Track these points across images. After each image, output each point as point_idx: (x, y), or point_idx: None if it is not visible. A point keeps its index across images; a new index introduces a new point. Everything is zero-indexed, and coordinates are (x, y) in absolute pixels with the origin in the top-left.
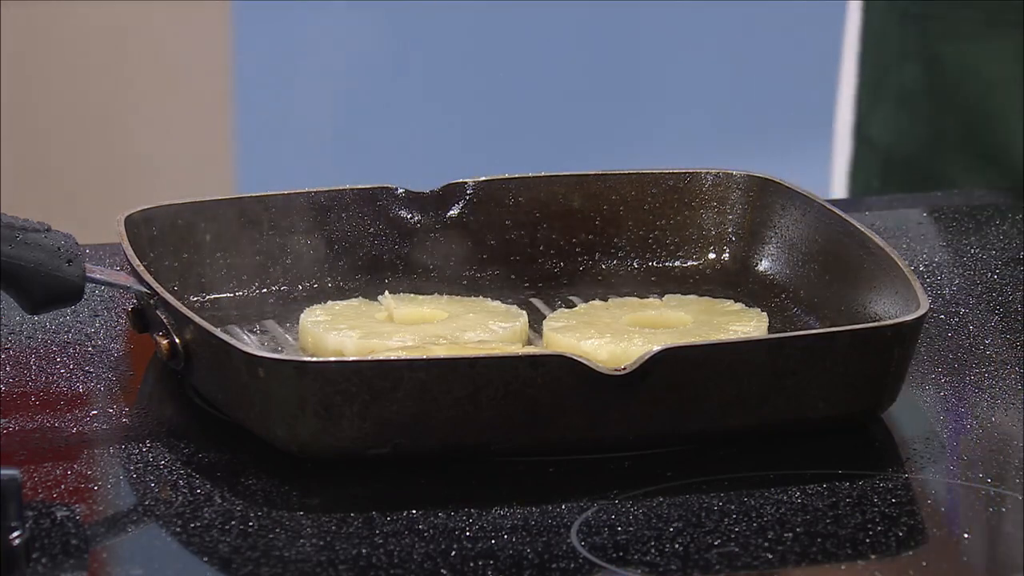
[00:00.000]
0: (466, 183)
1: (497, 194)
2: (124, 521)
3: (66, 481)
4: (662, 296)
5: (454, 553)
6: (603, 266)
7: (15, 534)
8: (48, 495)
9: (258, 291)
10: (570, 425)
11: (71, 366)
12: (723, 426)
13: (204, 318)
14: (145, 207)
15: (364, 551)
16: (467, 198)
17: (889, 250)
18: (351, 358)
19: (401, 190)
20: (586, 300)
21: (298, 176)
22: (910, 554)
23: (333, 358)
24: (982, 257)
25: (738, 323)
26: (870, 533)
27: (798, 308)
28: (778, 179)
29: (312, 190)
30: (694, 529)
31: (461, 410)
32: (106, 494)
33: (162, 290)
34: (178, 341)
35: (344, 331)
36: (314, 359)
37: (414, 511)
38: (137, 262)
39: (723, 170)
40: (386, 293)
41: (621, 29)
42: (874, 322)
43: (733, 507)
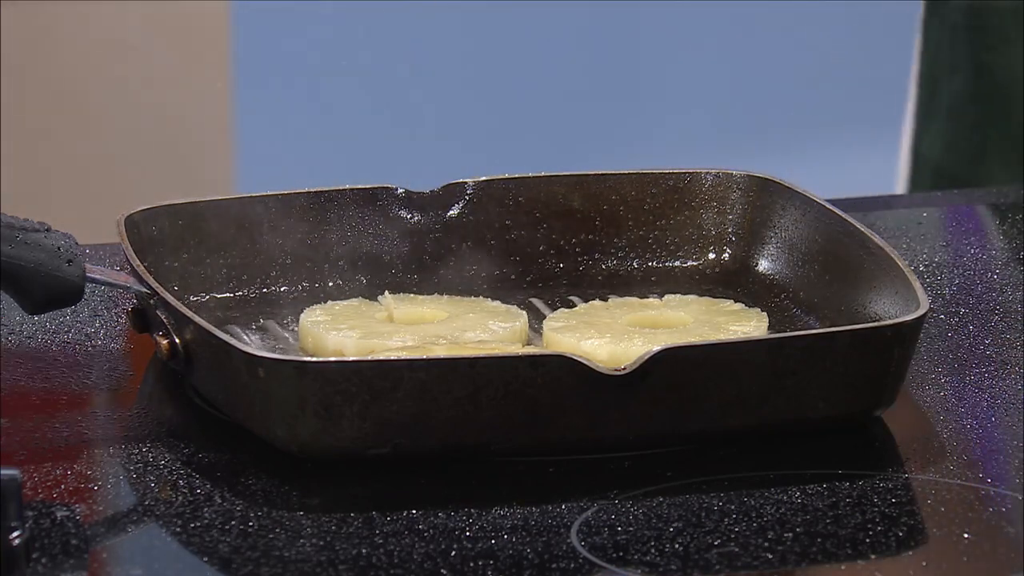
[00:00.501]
0: (466, 183)
1: (497, 194)
2: (124, 521)
3: (66, 481)
4: (662, 296)
5: (454, 553)
6: (603, 266)
7: (15, 534)
8: (48, 495)
9: (258, 291)
10: (570, 425)
11: (71, 366)
12: (723, 426)
13: (204, 318)
14: (145, 207)
15: (364, 551)
16: (467, 198)
17: (889, 250)
18: (351, 358)
19: (401, 190)
20: (586, 300)
21: (298, 176)
22: (910, 554)
23: (333, 358)
24: (982, 257)
25: (738, 323)
26: (870, 533)
27: (798, 308)
28: (778, 179)
29: (312, 190)
30: (694, 529)
31: (461, 410)
32: (106, 494)
33: (162, 290)
34: (178, 341)
35: (344, 331)
36: (314, 359)
37: (414, 511)
38: (137, 262)
39: (723, 170)
40: (386, 293)
41: (621, 29)
42: (874, 322)
43: (733, 507)
